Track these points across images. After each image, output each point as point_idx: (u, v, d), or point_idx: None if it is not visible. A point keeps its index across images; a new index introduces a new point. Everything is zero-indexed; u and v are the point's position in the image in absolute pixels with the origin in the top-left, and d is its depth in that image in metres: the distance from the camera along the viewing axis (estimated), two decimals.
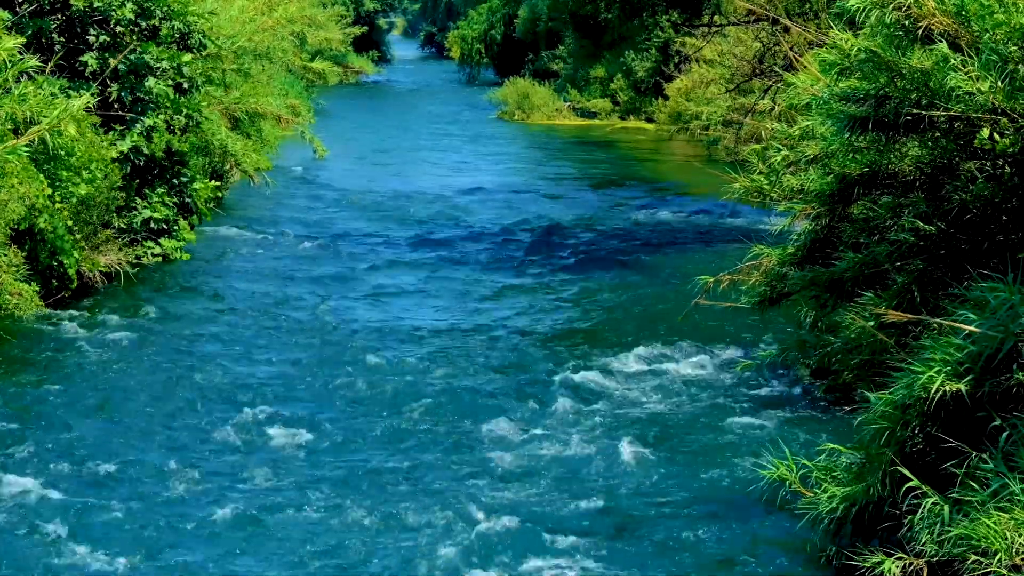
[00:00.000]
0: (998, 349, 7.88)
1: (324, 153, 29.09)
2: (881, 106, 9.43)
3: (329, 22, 51.98)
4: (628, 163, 37.25)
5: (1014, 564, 7.20)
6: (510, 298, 19.11)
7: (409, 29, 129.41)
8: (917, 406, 8.20)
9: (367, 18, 78.71)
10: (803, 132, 11.86)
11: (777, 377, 14.30)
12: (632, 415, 13.23)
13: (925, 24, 8.85)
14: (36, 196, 15.89)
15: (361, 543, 10.10)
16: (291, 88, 37.39)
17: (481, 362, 15.32)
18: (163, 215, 20.27)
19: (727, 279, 13.04)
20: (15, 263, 16.01)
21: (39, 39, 18.39)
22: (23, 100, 13.92)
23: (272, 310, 17.91)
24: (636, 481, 11.43)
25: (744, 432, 12.60)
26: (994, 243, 9.80)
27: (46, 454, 11.85)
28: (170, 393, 13.83)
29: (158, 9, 19.57)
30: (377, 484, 11.34)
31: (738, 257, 13.60)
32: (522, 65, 62.17)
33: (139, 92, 19.23)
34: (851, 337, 11.40)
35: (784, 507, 9.76)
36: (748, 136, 25.39)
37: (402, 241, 23.81)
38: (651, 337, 16.07)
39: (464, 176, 33.36)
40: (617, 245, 23.44)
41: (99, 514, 10.50)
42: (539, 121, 48.56)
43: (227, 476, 11.49)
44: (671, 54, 43.03)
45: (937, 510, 7.89)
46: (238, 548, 10.01)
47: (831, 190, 11.37)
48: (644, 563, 9.80)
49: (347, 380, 14.37)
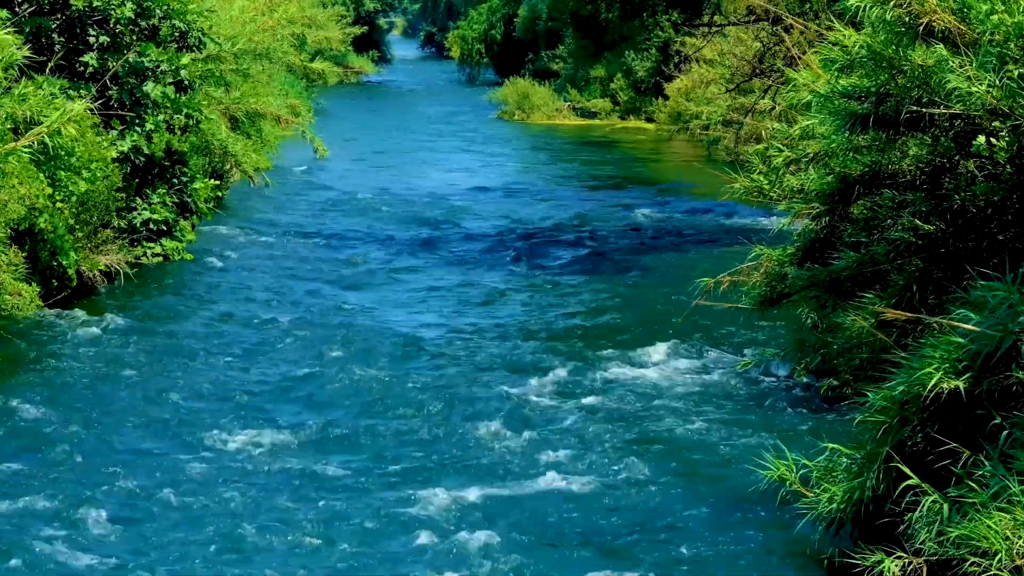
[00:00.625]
0: (997, 347, 7.89)
1: (325, 153, 29.08)
2: (882, 103, 9.44)
3: (329, 22, 51.98)
4: (628, 163, 37.24)
5: (1015, 565, 7.20)
6: (510, 298, 19.11)
7: (409, 29, 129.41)
8: (916, 403, 8.20)
9: (367, 18, 78.73)
10: (803, 131, 11.85)
11: (777, 377, 14.29)
12: (631, 415, 13.22)
13: (926, 21, 8.85)
14: (36, 196, 15.89)
15: (358, 545, 10.09)
16: (291, 88, 37.37)
17: (480, 362, 15.31)
18: (163, 215, 20.27)
19: (727, 280, 13.04)
20: (15, 263, 16.01)
21: (38, 38, 18.38)
22: (23, 100, 13.91)
23: (272, 310, 17.91)
24: (635, 481, 11.42)
25: (744, 432, 12.59)
26: (993, 242, 9.81)
27: (45, 454, 11.84)
28: (170, 393, 13.82)
29: (157, 8, 19.57)
30: (377, 484, 11.33)
31: (738, 257, 13.61)
32: (522, 65, 62.17)
33: (138, 94, 19.24)
34: (851, 336, 11.41)
35: (784, 507, 9.76)
36: (748, 136, 25.40)
37: (402, 241, 23.80)
38: (651, 337, 16.06)
39: (464, 176, 33.35)
40: (617, 245, 23.43)
41: (98, 514, 10.49)
42: (539, 121, 48.56)
43: (226, 476, 11.48)
44: (671, 54, 43.01)
45: (936, 508, 7.90)
46: (238, 548, 10.00)
47: (831, 189, 11.37)
48: (643, 563, 9.79)
49: (347, 380, 14.36)
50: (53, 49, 18.59)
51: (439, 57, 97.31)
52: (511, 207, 28.07)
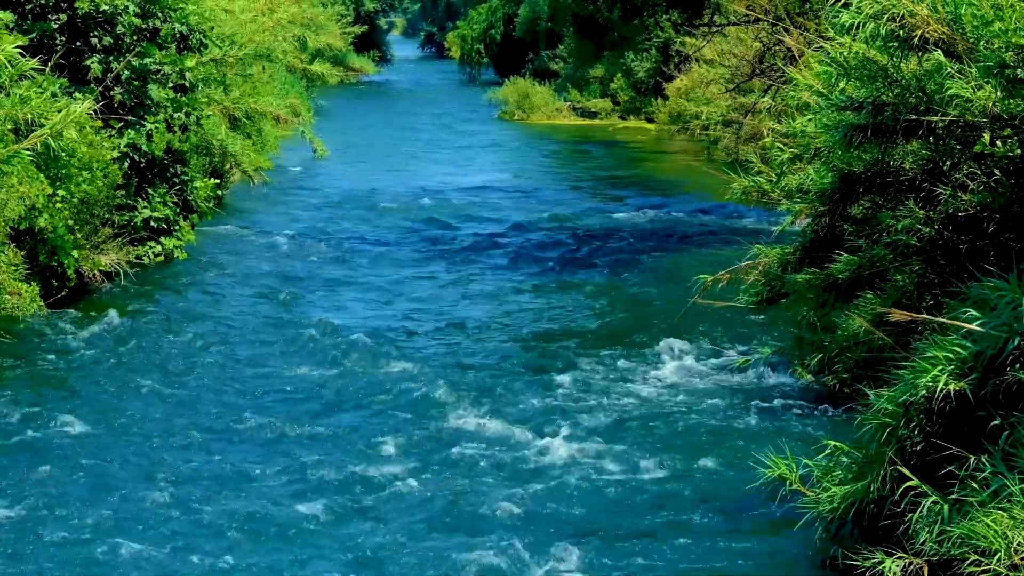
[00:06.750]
0: (1002, 348, 7.89)
1: (324, 153, 29.10)
2: (879, 113, 9.45)
3: (329, 22, 51.99)
4: (628, 163, 37.25)
5: (1013, 563, 7.20)
6: (509, 298, 19.11)
7: (409, 29, 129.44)
8: (919, 404, 8.20)
9: (367, 18, 78.76)
10: (803, 129, 11.86)
11: (776, 376, 14.30)
12: (630, 414, 13.23)
13: (920, 33, 8.88)
14: (36, 196, 15.90)
15: (359, 544, 10.10)
16: (291, 88, 37.39)
17: (479, 361, 15.32)
18: (163, 214, 20.28)
19: (726, 278, 13.06)
20: (15, 263, 16.02)
21: (42, 40, 18.39)
22: (24, 101, 13.92)
23: (272, 309, 17.92)
24: (634, 481, 11.43)
25: (743, 431, 12.60)
26: (995, 242, 9.81)
27: (44, 454, 11.85)
28: (169, 393, 13.83)
29: (159, 11, 19.58)
30: (376, 485, 11.33)
31: (738, 257, 13.62)
32: (522, 65, 62.18)
33: (140, 96, 19.24)
34: (850, 336, 11.42)
35: (784, 506, 9.76)
36: (748, 136, 25.42)
37: (403, 241, 23.82)
38: (649, 337, 16.07)
39: (464, 176, 33.36)
40: (616, 245, 23.44)
41: (96, 514, 10.50)
42: (539, 121, 48.57)
43: (226, 476, 11.49)
44: (671, 54, 43.03)
45: (937, 509, 7.90)
46: (237, 548, 10.01)
47: (832, 189, 11.38)
48: (643, 563, 9.80)
49: (348, 380, 14.37)
50: (55, 49, 18.59)
51: (439, 57, 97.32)
52: (511, 207, 28.08)
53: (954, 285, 8.90)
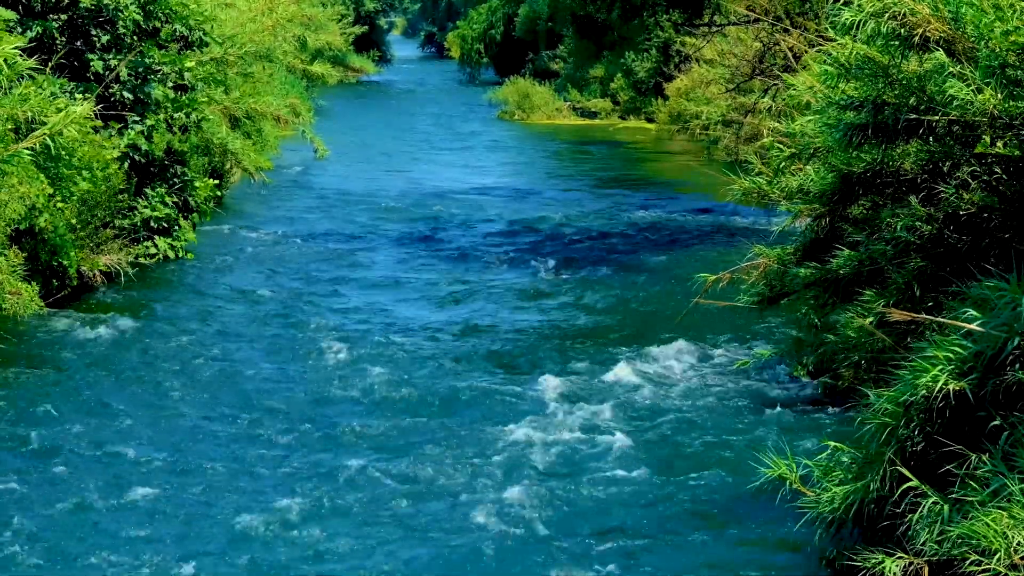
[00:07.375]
0: (1002, 348, 7.89)
1: (325, 153, 29.08)
2: (879, 112, 9.45)
3: (329, 22, 51.97)
4: (628, 163, 37.26)
5: (1013, 563, 7.20)
6: (509, 298, 19.11)
7: (409, 29, 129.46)
8: (919, 404, 8.20)
9: (367, 18, 78.77)
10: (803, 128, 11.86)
11: (776, 376, 14.31)
12: (630, 414, 13.24)
13: (921, 31, 8.87)
14: (36, 196, 15.90)
15: (360, 543, 10.11)
16: (291, 88, 37.39)
17: (479, 361, 15.33)
18: (164, 214, 20.29)
19: (727, 278, 13.05)
20: (15, 263, 16.02)
21: (41, 39, 18.39)
22: (24, 100, 13.91)
23: (273, 309, 17.92)
24: (634, 480, 11.43)
25: (743, 431, 12.60)
26: (996, 241, 9.81)
27: (45, 454, 11.86)
28: (170, 393, 13.84)
29: (160, 11, 19.58)
30: (375, 485, 11.34)
31: (738, 257, 13.61)
32: (522, 65, 62.20)
33: (140, 95, 19.24)
34: (850, 336, 11.41)
35: (784, 506, 9.76)
36: (748, 136, 25.42)
37: (403, 240, 23.82)
38: (649, 337, 16.08)
39: (464, 176, 33.37)
40: (616, 245, 23.45)
41: (96, 514, 10.51)
42: (539, 121, 48.58)
43: (225, 476, 11.50)
44: (671, 54, 43.04)
45: (937, 509, 7.90)
46: (237, 548, 10.01)
47: (832, 189, 11.37)
48: (642, 563, 9.80)
49: (349, 380, 14.38)
50: (55, 48, 18.59)
51: (439, 57, 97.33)
52: (511, 206, 28.08)
53: (954, 284, 8.90)
